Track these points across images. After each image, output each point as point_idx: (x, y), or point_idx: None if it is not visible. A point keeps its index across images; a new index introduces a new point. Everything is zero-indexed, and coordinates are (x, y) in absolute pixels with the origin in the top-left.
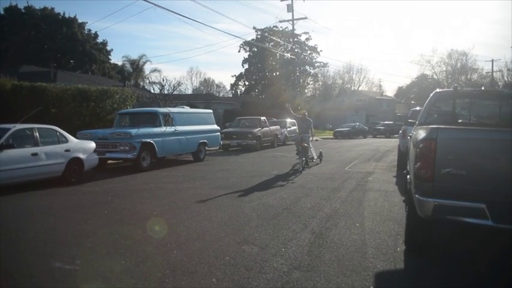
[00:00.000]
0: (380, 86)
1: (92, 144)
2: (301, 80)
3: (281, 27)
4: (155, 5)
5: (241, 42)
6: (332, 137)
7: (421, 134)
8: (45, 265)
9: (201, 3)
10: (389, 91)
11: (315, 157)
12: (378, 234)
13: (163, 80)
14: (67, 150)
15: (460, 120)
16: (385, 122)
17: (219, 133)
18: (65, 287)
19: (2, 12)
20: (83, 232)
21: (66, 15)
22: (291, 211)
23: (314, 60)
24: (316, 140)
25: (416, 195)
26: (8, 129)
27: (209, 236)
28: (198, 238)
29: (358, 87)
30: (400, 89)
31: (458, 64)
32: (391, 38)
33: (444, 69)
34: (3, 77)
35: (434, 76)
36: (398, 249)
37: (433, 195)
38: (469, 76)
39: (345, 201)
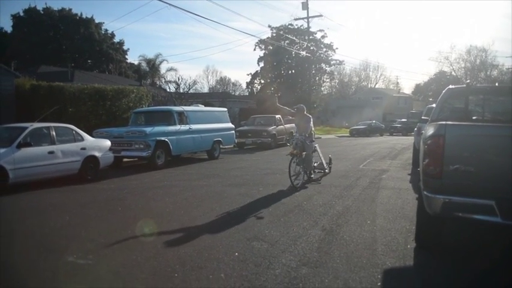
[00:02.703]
0: (397, 83)
1: (108, 143)
2: (317, 78)
3: (296, 25)
4: (170, 4)
5: (257, 41)
6: (348, 134)
7: (430, 130)
8: (59, 259)
9: (216, 3)
10: (407, 88)
11: (326, 167)
12: (388, 231)
13: (178, 79)
14: (83, 149)
15: (474, 117)
16: (402, 120)
17: (233, 131)
18: (77, 280)
19: (22, 14)
20: (97, 228)
21: (84, 16)
22: (302, 208)
23: (330, 58)
24: (319, 137)
25: (425, 192)
26: (26, 128)
27: (219, 232)
28: (208, 234)
29: (375, 85)
30: (417, 86)
31: (478, 60)
32: (409, 35)
33: (463, 65)
34: (23, 77)
35: (453, 73)
36: (408, 246)
37: (442, 192)
38: (488, 72)
39: (358, 198)
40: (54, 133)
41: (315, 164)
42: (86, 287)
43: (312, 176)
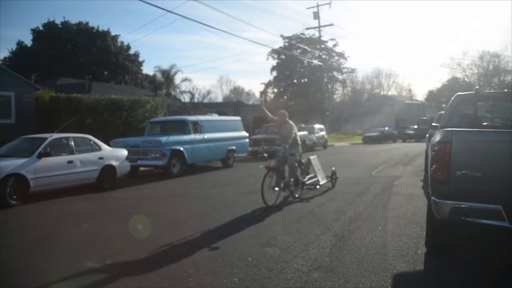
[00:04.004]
0: (410, 90)
1: (124, 152)
2: (330, 86)
3: (308, 34)
4: (183, 16)
5: (269, 50)
6: (361, 142)
7: (437, 137)
8: (78, 264)
9: (228, 14)
10: (420, 95)
11: (321, 180)
12: (399, 236)
13: (193, 89)
14: (100, 158)
15: (484, 123)
16: (414, 126)
17: (247, 140)
18: (96, 285)
19: (41, 28)
20: (114, 235)
21: (100, 29)
22: (314, 214)
23: (342, 66)
24: (332, 145)
25: (433, 197)
26: (46, 138)
27: (233, 238)
28: (222, 240)
29: (388, 92)
30: (430, 92)
31: (491, 66)
32: (420, 41)
33: (476, 71)
34: (42, 89)
35: (466, 79)
36: (419, 251)
37: (449, 197)
38: (502, 78)
39: (369, 205)
40: (72, 143)
41: (305, 180)
42: None
43: (297, 195)
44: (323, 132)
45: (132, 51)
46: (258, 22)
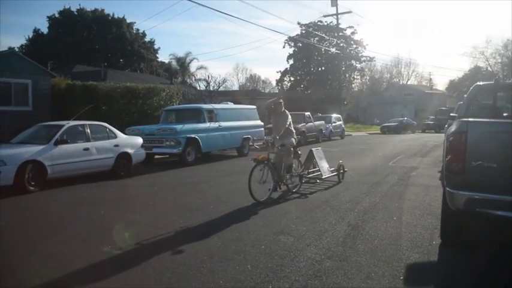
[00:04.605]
0: (430, 79)
1: (140, 140)
2: (348, 75)
3: (325, 21)
4: (199, 3)
5: (286, 38)
6: (379, 132)
7: (453, 127)
8: (95, 249)
9: (244, 1)
10: (440, 85)
11: (324, 174)
12: (414, 227)
13: (208, 77)
14: (116, 146)
15: (505, 114)
16: (432, 117)
17: (262, 128)
18: (112, 268)
19: (57, 15)
20: (129, 221)
21: (115, 16)
22: (329, 204)
23: (360, 55)
24: (349, 135)
25: (447, 188)
26: (62, 126)
27: (247, 226)
28: (236, 228)
29: (407, 81)
30: (451, 82)
31: None
32: (442, 30)
33: (499, 60)
34: (58, 77)
35: (489, 68)
36: (434, 242)
37: (464, 188)
38: None
39: (385, 195)
40: (89, 131)
41: (303, 173)
42: (120, 275)
43: (294, 190)
44: (340, 122)
45: (147, 39)
46: (274, 9)
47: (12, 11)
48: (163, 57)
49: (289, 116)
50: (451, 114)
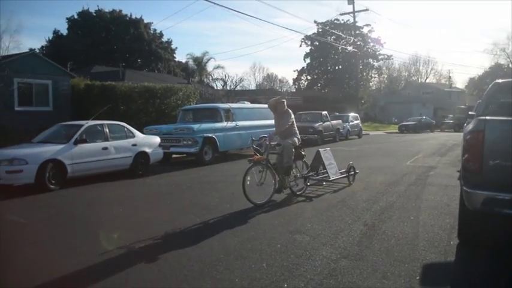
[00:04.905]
0: (449, 77)
1: (157, 139)
2: (365, 73)
3: (342, 20)
4: (215, 3)
5: (303, 37)
6: (397, 131)
7: (470, 126)
8: (113, 246)
9: (261, 1)
10: (460, 83)
11: (331, 176)
12: (431, 227)
13: (225, 77)
14: (134, 145)
15: None
16: (451, 115)
17: None
18: (129, 265)
19: (76, 17)
20: (147, 219)
21: (133, 17)
22: (345, 203)
23: (377, 53)
24: (367, 134)
25: (464, 188)
26: (82, 125)
27: (263, 225)
28: (252, 227)
29: (426, 80)
30: (471, 80)
31: None
32: (461, 27)
33: None
34: (78, 77)
35: (510, 65)
36: (451, 242)
37: (481, 188)
38: None
39: (402, 195)
40: (107, 130)
41: (309, 174)
42: (138, 271)
43: (299, 192)
44: (357, 121)
45: (164, 39)
46: (291, 8)
47: (33, 13)
48: (180, 57)
49: (292, 116)
50: (470, 113)
